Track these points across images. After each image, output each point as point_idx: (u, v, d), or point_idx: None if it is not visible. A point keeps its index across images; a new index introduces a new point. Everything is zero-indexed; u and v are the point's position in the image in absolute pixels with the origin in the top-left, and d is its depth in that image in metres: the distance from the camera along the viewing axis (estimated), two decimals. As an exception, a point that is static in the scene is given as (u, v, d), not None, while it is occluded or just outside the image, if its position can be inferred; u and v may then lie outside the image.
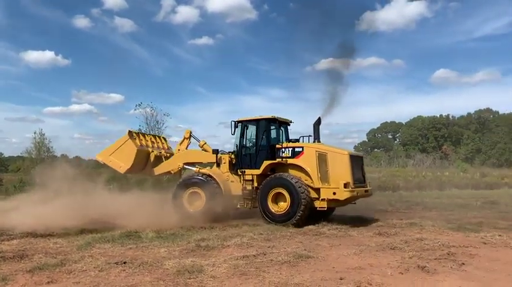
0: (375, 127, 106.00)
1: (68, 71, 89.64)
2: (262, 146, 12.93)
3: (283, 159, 12.45)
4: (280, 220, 11.65)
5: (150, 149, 14.75)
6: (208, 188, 12.81)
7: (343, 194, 11.36)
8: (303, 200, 11.41)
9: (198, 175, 13.25)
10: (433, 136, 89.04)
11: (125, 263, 7.00)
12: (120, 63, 79.11)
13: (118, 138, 14.46)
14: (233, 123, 13.23)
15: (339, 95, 13.31)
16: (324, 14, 16.63)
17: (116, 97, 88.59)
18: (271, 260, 7.20)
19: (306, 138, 12.87)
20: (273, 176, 12.28)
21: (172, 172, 14.63)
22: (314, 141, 12.71)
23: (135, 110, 29.54)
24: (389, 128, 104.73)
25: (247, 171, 12.84)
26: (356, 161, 12.26)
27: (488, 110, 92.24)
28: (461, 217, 13.57)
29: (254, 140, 13.21)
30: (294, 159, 12.38)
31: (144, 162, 14.57)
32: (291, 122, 13.85)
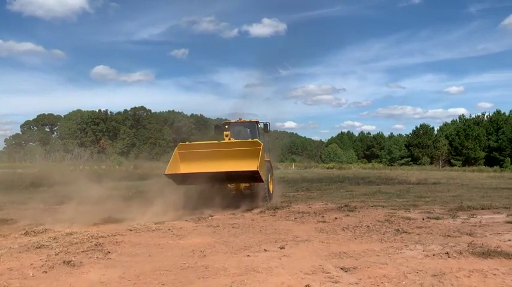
0: (31, 119, 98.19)
1: None
2: None
3: None
4: None
5: None
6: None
7: None
8: None
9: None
10: (91, 130, 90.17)
11: None
12: None
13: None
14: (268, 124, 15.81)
15: None
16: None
17: None
18: None
19: None
20: None
21: None
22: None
23: None
24: (47, 120, 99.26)
25: None
26: None
27: (142, 107, 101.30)
28: (111, 208, 12.99)
29: None
30: None
31: None
32: None
